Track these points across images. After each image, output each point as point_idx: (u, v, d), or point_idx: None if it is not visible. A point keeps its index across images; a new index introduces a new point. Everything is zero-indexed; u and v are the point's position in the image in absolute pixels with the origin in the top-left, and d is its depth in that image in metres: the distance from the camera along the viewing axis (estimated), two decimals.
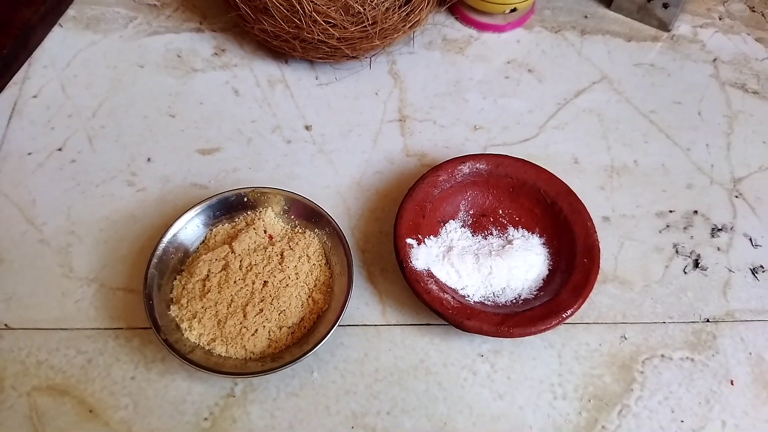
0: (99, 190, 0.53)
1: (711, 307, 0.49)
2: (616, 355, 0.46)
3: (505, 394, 0.44)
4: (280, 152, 0.55)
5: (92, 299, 0.47)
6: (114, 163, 0.54)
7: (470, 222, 0.51)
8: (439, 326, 0.47)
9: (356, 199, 0.53)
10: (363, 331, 0.47)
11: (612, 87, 0.62)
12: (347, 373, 0.45)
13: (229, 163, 0.54)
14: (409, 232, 0.47)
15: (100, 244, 0.50)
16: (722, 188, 0.56)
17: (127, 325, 0.46)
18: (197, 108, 0.58)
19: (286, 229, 0.49)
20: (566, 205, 0.49)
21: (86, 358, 0.45)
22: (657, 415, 0.44)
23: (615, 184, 0.55)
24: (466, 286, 0.46)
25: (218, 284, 0.45)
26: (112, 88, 0.59)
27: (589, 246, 0.47)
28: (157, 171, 0.54)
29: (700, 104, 0.61)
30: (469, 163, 0.51)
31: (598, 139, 0.58)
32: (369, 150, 0.56)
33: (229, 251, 0.46)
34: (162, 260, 0.45)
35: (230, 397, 0.44)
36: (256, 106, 0.58)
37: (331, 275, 0.47)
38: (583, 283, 0.45)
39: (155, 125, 0.57)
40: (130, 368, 0.44)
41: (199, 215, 0.47)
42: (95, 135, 0.56)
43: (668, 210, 0.54)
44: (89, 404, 0.43)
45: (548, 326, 0.43)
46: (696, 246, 0.52)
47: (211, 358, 0.43)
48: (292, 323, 0.44)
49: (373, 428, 0.43)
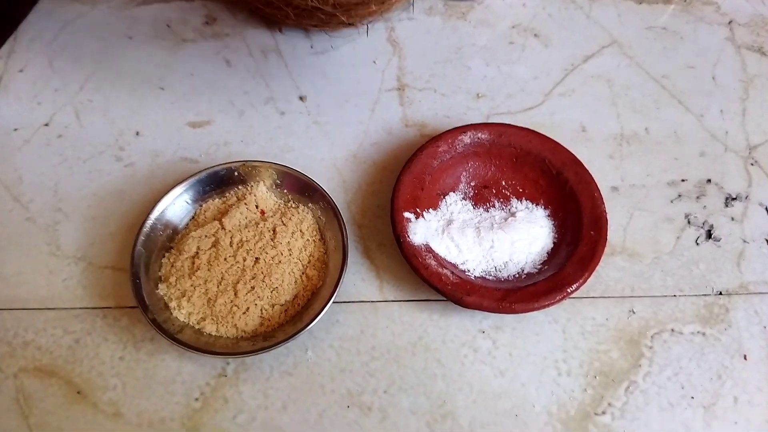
0: (86, 166, 0.51)
1: (724, 279, 0.47)
2: (623, 330, 0.44)
3: (506, 371, 0.43)
4: (274, 124, 0.53)
5: (80, 278, 0.46)
6: (102, 138, 0.52)
7: (471, 194, 0.49)
8: (439, 302, 0.45)
9: (352, 172, 0.51)
10: (359, 308, 0.45)
11: (622, 51, 0.59)
12: (343, 351, 0.43)
13: (221, 137, 0.53)
14: (407, 205, 0.45)
15: (88, 221, 0.48)
16: (737, 156, 0.53)
17: (115, 304, 0.45)
18: (187, 80, 0.56)
19: (278, 203, 0.47)
20: (572, 175, 0.47)
21: (74, 338, 0.43)
22: (666, 392, 0.42)
23: (625, 153, 0.52)
24: (466, 260, 0.45)
25: (208, 261, 0.43)
26: (100, 61, 0.57)
27: (596, 217, 0.44)
28: (146, 145, 0.52)
29: (715, 68, 0.59)
30: (470, 132, 0.48)
31: (607, 106, 0.55)
32: (366, 120, 0.54)
33: (219, 227, 0.44)
34: (149, 238, 0.44)
35: (222, 377, 0.42)
36: (248, 77, 0.56)
37: (325, 251, 0.45)
38: (589, 256, 0.43)
39: (144, 98, 0.55)
40: (119, 348, 0.43)
41: (188, 191, 0.46)
42: (83, 109, 0.54)
43: (680, 179, 0.51)
44: (77, 385, 0.42)
45: (552, 301, 0.41)
46: (709, 216, 0.49)
47: (202, 338, 0.41)
48: (285, 301, 0.43)
49: (370, 407, 0.41)
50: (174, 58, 0.57)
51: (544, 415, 0.41)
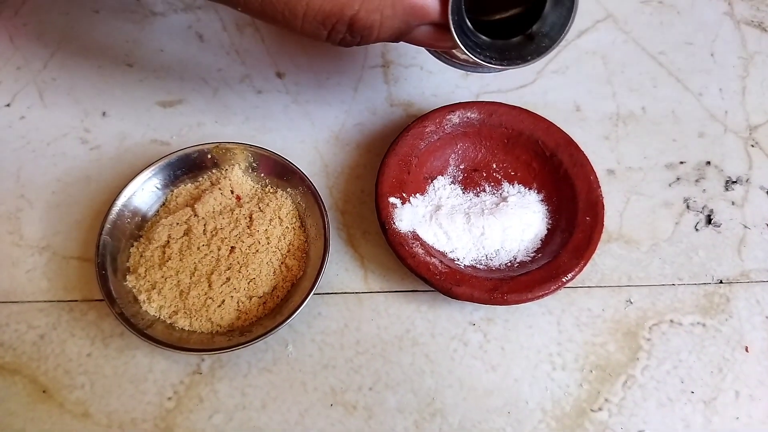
0: (50, 149, 0.48)
1: (724, 267, 0.45)
2: (620, 321, 0.42)
3: (498, 366, 0.40)
4: (250, 104, 0.50)
5: (44, 269, 0.43)
6: (66, 119, 0.49)
7: (460, 178, 0.46)
8: (427, 293, 0.43)
9: (334, 155, 0.48)
10: (343, 300, 0.42)
11: (618, 26, 0.56)
12: (325, 346, 0.41)
13: (193, 117, 0.49)
14: (393, 190, 0.42)
15: (52, 209, 0.45)
16: (737, 137, 0.51)
17: (82, 297, 0.42)
18: (157, 56, 0.52)
19: (255, 188, 0.44)
20: (567, 158, 0.44)
21: (38, 333, 0.41)
22: (665, 386, 0.40)
23: (621, 134, 0.50)
24: (455, 248, 0.42)
25: (180, 251, 0.40)
26: (64, 37, 0.53)
27: (592, 202, 0.42)
28: (113, 126, 0.49)
29: (713, 45, 0.56)
30: (459, 111, 0.46)
31: (603, 84, 0.53)
32: (349, 100, 0.51)
33: (192, 214, 0.42)
34: (116, 226, 0.41)
35: (196, 375, 0.40)
36: (222, 53, 0.53)
37: (306, 239, 0.42)
38: (585, 244, 0.40)
39: (111, 76, 0.51)
40: (86, 344, 0.40)
41: (157, 175, 0.43)
42: (46, 88, 0.51)
43: (678, 161, 0.49)
44: (42, 384, 0.39)
45: (547, 291, 0.39)
46: (708, 200, 0.47)
47: (174, 333, 0.39)
48: (263, 292, 0.40)
49: (354, 405, 0.39)
50: (143, 33, 0.53)
51: (538, 412, 0.39)
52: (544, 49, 0.34)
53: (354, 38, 0.33)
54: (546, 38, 0.34)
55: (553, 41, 0.34)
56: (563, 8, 0.33)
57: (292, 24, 0.32)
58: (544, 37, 0.34)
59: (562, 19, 0.33)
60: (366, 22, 0.31)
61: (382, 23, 0.32)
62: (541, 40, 0.34)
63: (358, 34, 0.32)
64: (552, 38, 0.34)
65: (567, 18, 0.33)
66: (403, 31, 0.33)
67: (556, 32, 0.34)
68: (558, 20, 0.34)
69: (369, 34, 0.32)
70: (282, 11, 0.31)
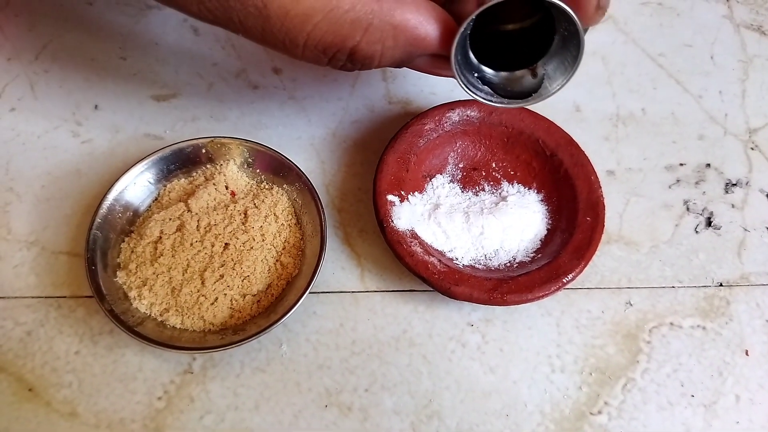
0: (41, 142, 0.47)
1: (724, 269, 0.44)
2: (620, 324, 0.41)
3: (497, 368, 0.40)
4: (246, 99, 0.49)
5: (32, 264, 0.42)
6: (58, 112, 0.48)
7: (459, 176, 0.45)
8: (424, 293, 0.42)
9: (332, 152, 0.47)
10: (338, 299, 0.42)
11: (618, 27, 0.56)
12: (320, 346, 0.40)
13: (188, 111, 0.48)
14: (391, 188, 0.42)
15: (42, 203, 0.44)
16: (737, 139, 0.50)
17: (71, 294, 0.41)
18: (152, 49, 0.51)
19: (250, 184, 0.43)
20: (567, 157, 0.44)
21: (25, 330, 0.40)
22: (665, 389, 0.39)
23: (621, 135, 0.50)
24: (454, 248, 0.41)
25: (172, 247, 0.39)
26: (56, 29, 0.52)
27: (593, 202, 0.41)
28: (106, 120, 0.48)
29: (713, 47, 0.56)
30: (458, 109, 0.45)
31: (602, 85, 0.52)
32: (346, 97, 0.50)
33: (185, 210, 0.41)
34: (107, 220, 0.40)
35: (187, 374, 0.39)
36: (218, 47, 0.52)
37: (301, 236, 0.42)
38: (585, 244, 0.40)
39: (104, 69, 0.50)
40: (75, 342, 0.39)
41: (150, 169, 0.42)
42: (37, 80, 0.50)
43: (678, 163, 0.49)
44: (29, 382, 0.38)
45: (547, 292, 0.38)
46: (708, 203, 0.47)
47: (165, 331, 0.38)
48: (257, 290, 0.39)
49: (350, 407, 0.38)
50: (137, 26, 0.53)
51: (537, 414, 0.38)
52: (544, 92, 0.34)
53: (354, 65, 0.33)
54: (548, 79, 0.34)
55: (553, 85, 0.33)
56: (569, 54, 0.32)
57: (293, 52, 0.32)
58: (547, 77, 0.34)
59: (566, 64, 0.32)
60: (367, 52, 0.31)
61: (383, 53, 0.32)
62: (543, 80, 0.34)
63: (358, 63, 0.32)
64: (553, 81, 0.33)
65: (572, 65, 0.32)
66: (404, 60, 0.33)
67: (558, 77, 0.33)
68: (561, 65, 0.33)
69: (370, 63, 0.32)
70: (283, 40, 0.31)
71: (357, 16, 0.30)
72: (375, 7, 0.30)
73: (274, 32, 0.31)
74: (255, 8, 0.30)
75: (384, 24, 0.30)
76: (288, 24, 0.30)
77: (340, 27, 0.30)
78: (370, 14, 0.30)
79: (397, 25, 0.31)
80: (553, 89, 0.33)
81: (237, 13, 0.30)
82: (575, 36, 0.30)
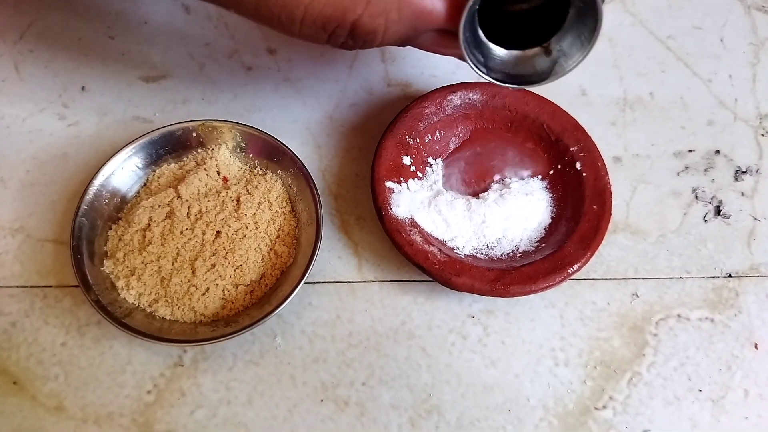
0: (26, 125, 0.45)
1: (734, 260, 0.43)
2: (626, 316, 0.40)
3: (498, 361, 0.39)
4: (239, 81, 0.48)
5: (17, 252, 0.40)
6: (43, 93, 0.46)
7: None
8: (424, 283, 0.40)
9: (328, 136, 0.46)
10: (335, 289, 0.40)
11: (625, 8, 0.54)
12: (316, 338, 0.39)
13: (178, 93, 0.47)
14: (390, 174, 0.40)
15: (27, 189, 0.43)
16: (747, 125, 0.49)
17: (56, 283, 0.39)
18: (140, 28, 0.49)
19: (243, 169, 0.42)
20: (573, 143, 0.42)
21: (10, 320, 0.38)
22: (672, 384, 0.38)
23: (628, 120, 0.48)
24: (455, 236, 0.40)
25: (161, 235, 0.38)
26: (42, 6, 0.50)
27: (600, 190, 0.40)
28: (93, 102, 0.46)
29: (723, 30, 0.54)
30: (460, 92, 0.43)
31: (609, 68, 0.50)
32: (344, 78, 0.48)
33: (175, 196, 0.39)
34: (93, 207, 0.38)
35: (178, 367, 0.37)
36: (210, 26, 0.50)
37: (296, 224, 0.40)
38: (591, 233, 0.38)
39: (91, 49, 0.48)
40: (61, 333, 0.38)
41: (138, 153, 0.40)
42: (23, 60, 0.48)
43: (687, 149, 0.47)
44: (13, 375, 0.37)
45: (551, 283, 0.37)
46: (717, 190, 0.45)
47: (154, 323, 0.36)
48: (250, 280, 0.38)
49: (346, 401, 0.37)
50: (126, 4, 0.50)
51: (540, 409, 0.37)
52: (560, 70, 0.32)
53: (356, 43, 0.31)
54: (563, 56, 0.31)
55: (568, 62, 0.31)
56: (585, 28, 0.30)
57: (290, 28, 0.30)
58: (561, 54, 0.31)
59: (583, 39, 0.30)
60: (369, 27, 0.29)
61: (387, 28, 0.30)
62: (558, 58, 0.31)
63: (360, 39, 0.30)
64: (568, 58, 0.31)
65: (588, 39, 0.30)
66: (409, 36, 0.31)
67: (574, 53, 0.31)
68: (577, 40, 0.31)
69: (372, 39, 0.30)
70: (278, 15, 0.29)
71: None
72: None
73: (269, 6, 0.29)
74: None
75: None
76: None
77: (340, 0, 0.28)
78: None
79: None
80: (569, 66, 0.31)
81: None
82: (592, 6, 0.28)
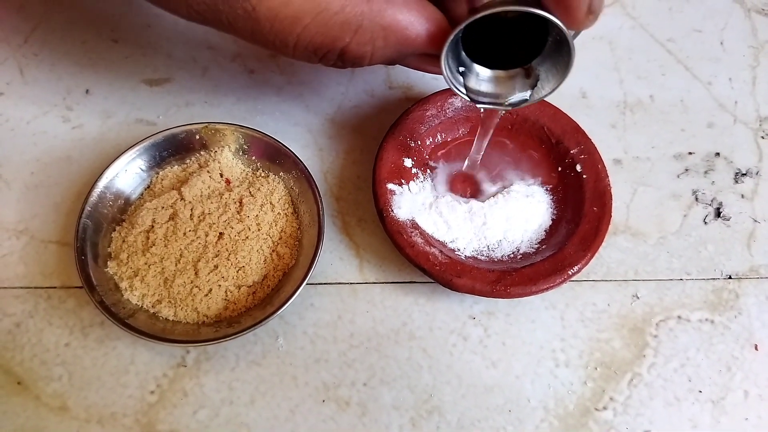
0: (30, 128, 0.45)
1: (734, 261, 0.43)
2: (626, 317, 0.40)
3: (499, 362, 0.39)
4: (242, 84, 0.48)
5: (21, 253, 0.41)
6: (47, 97, 0.47)
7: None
8: (425, 284, 0.41)
9: (330, 139, 0.46)
10: (336, 290, 0.40)
11: (625, 11, 0.54)
12: (318, 339, 0.39)
13: (181, 96, 0.47)
14: (391, 176, 0.40)
15: (31, 190, 0.43)
16: (747, 128, 0.49)
17: (60, 284, 0.40)
18: (144, 31, 0.50)
19: (245, 172, 0.42)
20: (574, 145, 0.42)
21: (14, 321, 0.39)
22: (672, 385, 0.38)
23: (628, 122, 0.48)
24: (456, 238, 0.40)
25: (165, 236, 0.38)
26: (47, 10, 0.51)
27: (600, 192, 0.40)
28: (97, 105, 0.46)
29: (723, 33, 0.54)
30: None
31: (610, 71, 0.51)
32: (345, 82, 0.49)
33: (178, 198, 0.39)
34: (97, 209, 0.38)
35: (181, 367, 0.38)
36: (213, 30, 0.49)
37: (298, 226, 0.40)
38: (592, 235, 0.39)
39: (95, 52, 0.49)
40: (65, 333, 0.38)
41: (142, 156, 0.40)
42: (27, 64, 0.48)
43: (687, 152, 0.47)
44: (17, 375, 0.37)
45: (552, 285, 0.37)
46: (718, 193, 0.46)
47: (157, 323, 0.37)
48: (252, 282, 0.38)
49: (348, 401, 0.37)
50: (129, 7, 0.51)
51: (540, 410, 0.37)
52: (536, 94, 0.33)
53: (345, 64, 0.33)
54: (541, 81, 0.33)
55: (545, 87, 0.32)
56: (560, 59, 0.31)
57: (283, 51, 0.32)
58: (540, 78, 0.33)
59: (559, 68, 0.31)
60: (357, 53, 0.31)
61: (374, 53, 0.32)
62: (536, 82, 0.33)
63: (349, 62, 0.33)
64: (545, 83, 0.33)
65: (563, 71, 0.31)
66: (395, 59, 0.33)
67: (551, 80, 0.32)
68: (554, 68, 0.32)
69: (360, 62, 0.32)
70: (273, 41, 0.31)
71: (346, 18, 0.30)
72: (365, 8, 0.30)
73: (264, 33, 0.31)
74: (244, 11, 0.29)
75: (374, 25, 0.30)
76: (277, 26, 0.30)
77: (329, 29, 0.30)
78: (360, 16, 0.30)
79: (387, 26, 0.30)
80: (544, 92, 0.33)
81: (226, 16, 0.30)
82: (565, 43, 0.29)
